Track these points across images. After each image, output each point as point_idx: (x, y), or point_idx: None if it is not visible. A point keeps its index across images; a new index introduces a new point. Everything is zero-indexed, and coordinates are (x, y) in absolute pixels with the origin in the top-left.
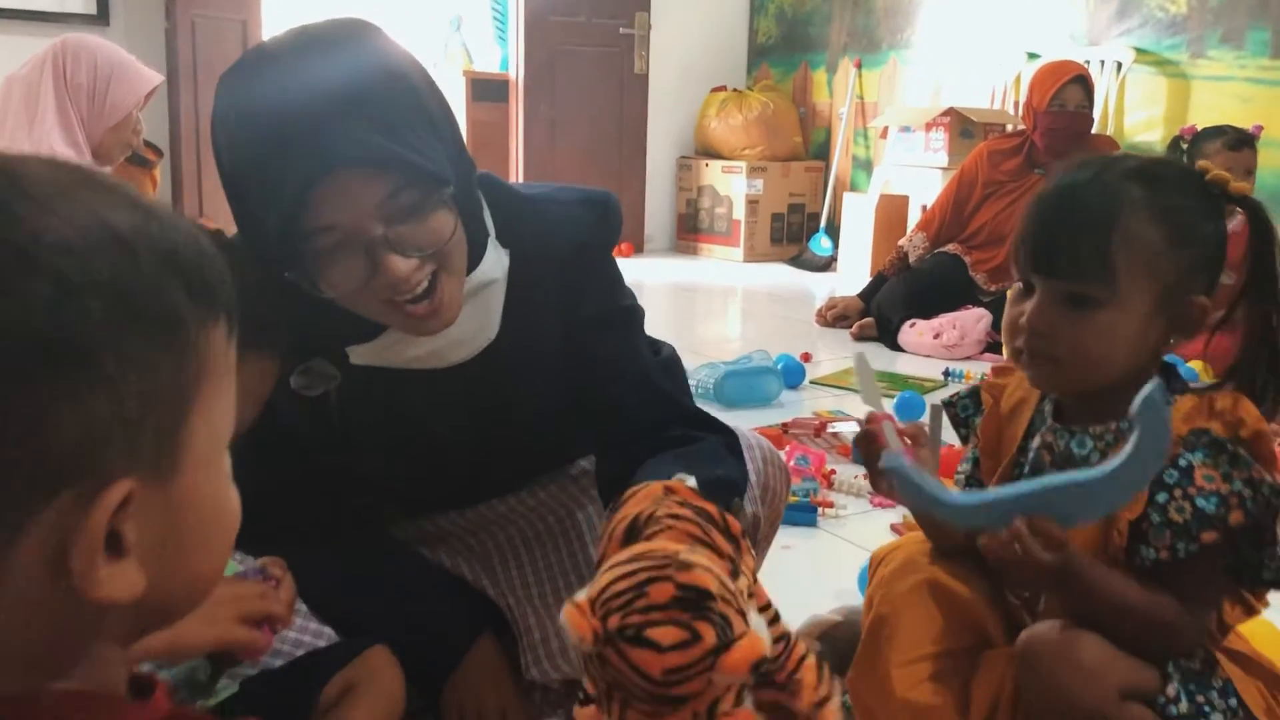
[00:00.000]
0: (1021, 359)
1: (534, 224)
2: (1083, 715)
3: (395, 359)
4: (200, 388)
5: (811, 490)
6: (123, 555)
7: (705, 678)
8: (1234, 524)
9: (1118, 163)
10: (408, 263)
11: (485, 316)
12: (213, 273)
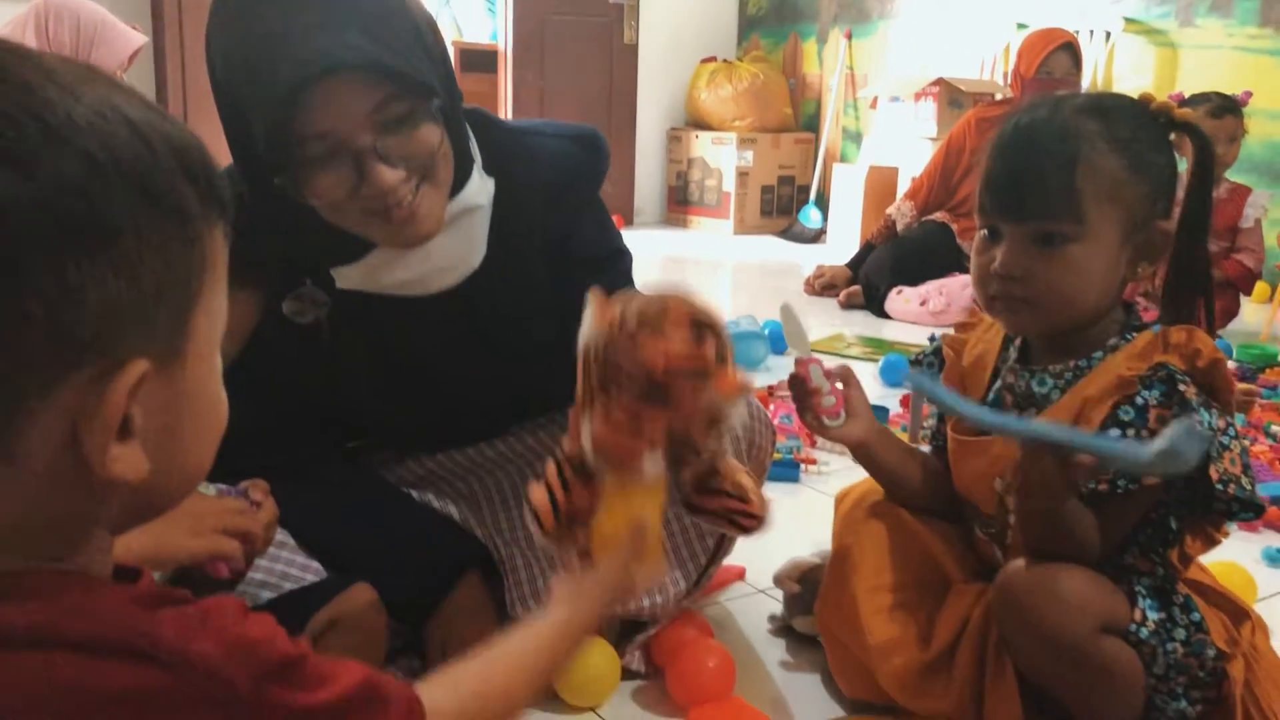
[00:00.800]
0: (995, 306)
1: (521, 156)
2: (1062, 649)
3: (381, 283)
4: (204, 282)
5: (795, 447)
6: (130, 437)
7: (698, 387)
8: None
9: (1067, 100)
10: (395, 173)
11: (469, 243)
12: (215, 176)
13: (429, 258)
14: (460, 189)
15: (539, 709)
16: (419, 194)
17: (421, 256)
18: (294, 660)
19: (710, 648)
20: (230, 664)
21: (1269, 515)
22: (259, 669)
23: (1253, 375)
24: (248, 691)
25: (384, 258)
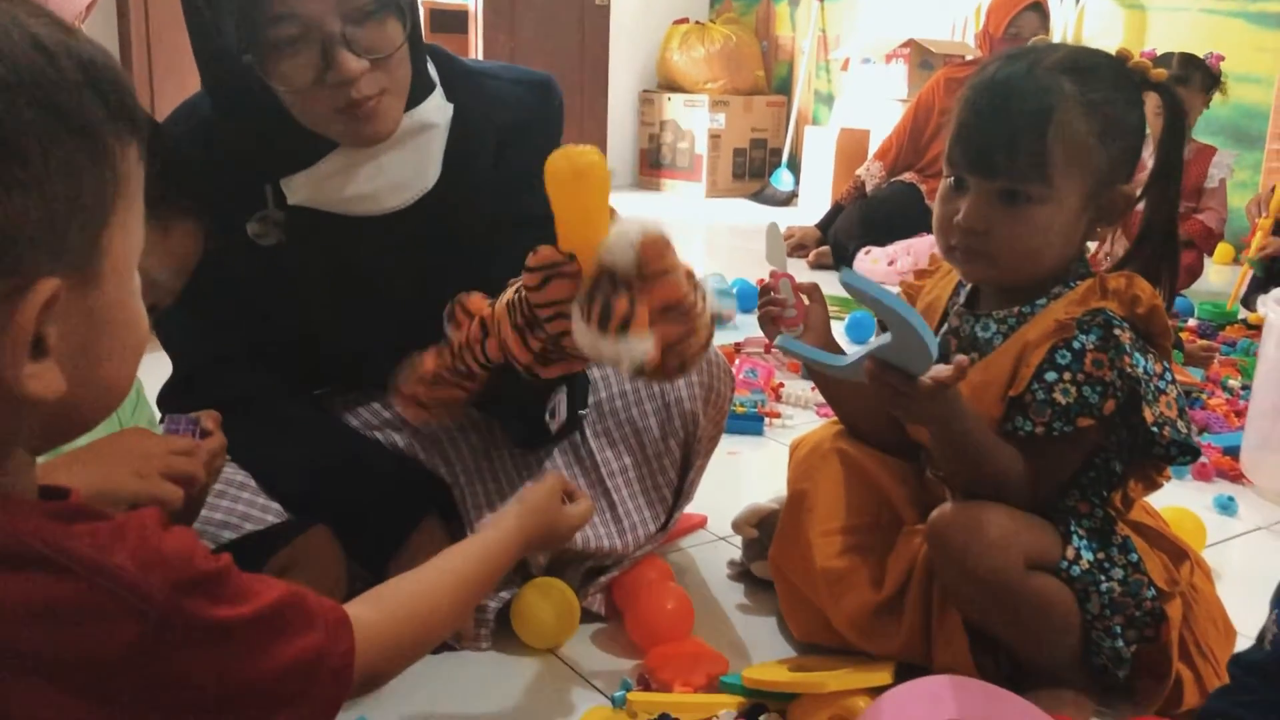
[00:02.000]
0: (954, 255)
1: (478, 92)
2: (991, 585)
3: (333, 197)
4: (117, 202)
5: (759, 401)
6: (45, 356)
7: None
8: (1107, 413)
9: (1047, 54)
10: (359, 63)
11: (423, 161)
12: (127, 94)
13: (382, 172)
14: (418, 104)
15: (498, 650)
16: (379, 93)
17: (374, 170)
18: (213, 574)
19: (669, 591)
20: (146, 575)
21: (1221, 464)
22: (175, 581)
23: (1213, 332)
24: (164, 603)
25: (337, 166)
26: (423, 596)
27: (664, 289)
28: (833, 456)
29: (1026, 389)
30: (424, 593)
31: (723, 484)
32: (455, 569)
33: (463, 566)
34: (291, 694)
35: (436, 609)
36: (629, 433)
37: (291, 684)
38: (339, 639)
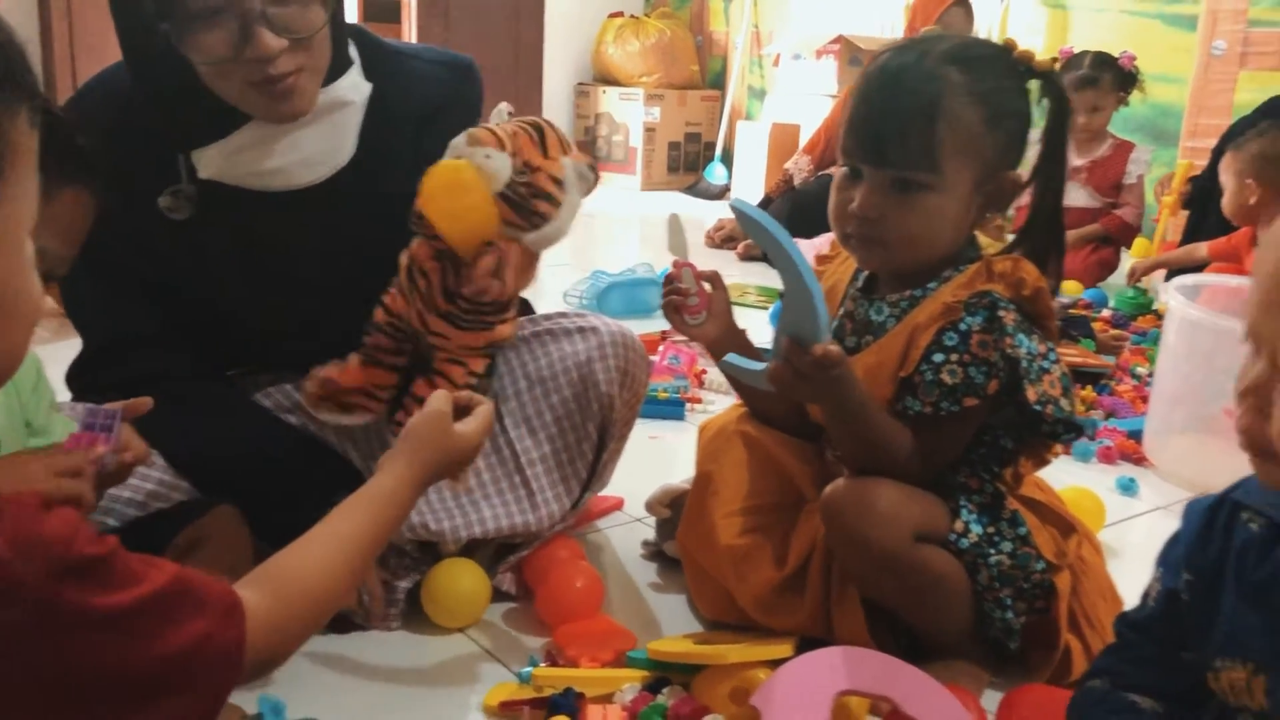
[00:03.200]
0: (850, 243)
1: (398, 72)
2: (881, 557)
3: (245, 171)
4: (4, 170)
5: (682, 387)
6: None
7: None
8: (991, 392)
9: (935, 45)
10: (278, 41)
11: (338, 137)
12: (15, 59)
13: (296, 147)
14: (334, 80)
15: (408, 631)
16: (297, 71)
17: (288, 145)
18: (95, 560)
19: (579, 569)
20: (19, 560)
21: (1126, 447)
22: (52, 567)
23: (1126, 322)
24: (38, 590)
25: (250, 140)
26: (316, 570)
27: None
28: (737, 439)
29: (915, 370)
30: (317, 565)
31: (643, 467)
32: (347, 532)
33: (355, 528)
34: (179, 680)
35: (332, 579)
36: (549, 420)
37: (178, 670)
38: (229, 625)
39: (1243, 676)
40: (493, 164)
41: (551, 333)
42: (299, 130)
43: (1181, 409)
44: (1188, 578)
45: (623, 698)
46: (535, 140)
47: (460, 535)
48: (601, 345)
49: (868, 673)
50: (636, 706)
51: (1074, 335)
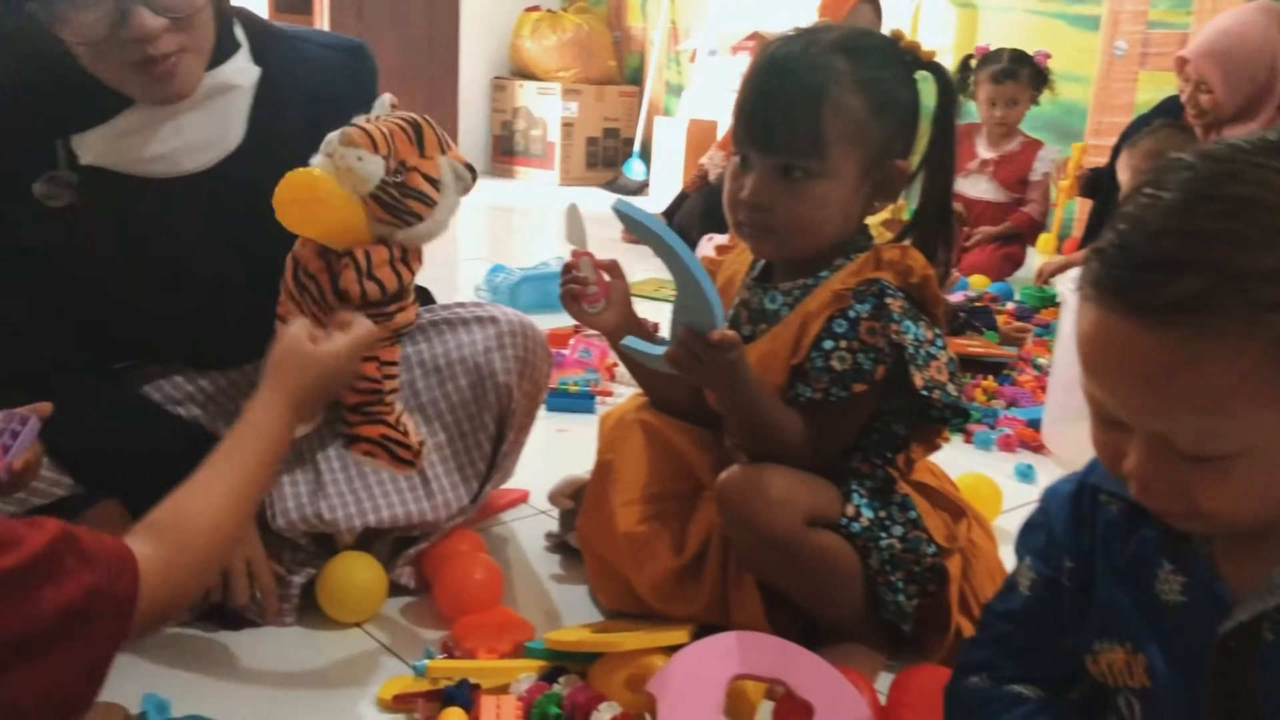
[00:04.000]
0: (743, 231)
1: (288, 56)
2: (774, 542)
3: (128, 157)
4: None
5: (592, 380)
6: None
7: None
8: (879, 378)
9: (822, 34)
10: (157, 20)
11: (225, 122)
12: None
13: (180, 132)
14: (220, 63)
15: (303, 626)
16: (178, 51)
17: (172, 130)
18: None
19: (478, 561)
20: None
21: (1025, 435)
22: None
23: (1029, 315)
24: None
25: (133, 124)
26: (206, 514)
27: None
28: (636, 427)
29: (806, 357)
30: (207, 509)
31: (551, 460)
32: (231, 473)
33: (238, 467)
34: (68, 632)
35: (223, 521)
36: (444, 410)
37: (67, 624)
38: (119, 578)
39: (1121, 657)
40: (364, 167)
41: (449, 322)
42: (184, 115)
43: (1077, 397)
44: (1070, 565)
45: (518, 688)
46: (412, 139)
47: (354, 524)
48: (500, 335)
49: (761, 657)
50: (532, 696)
51: (978, 327)
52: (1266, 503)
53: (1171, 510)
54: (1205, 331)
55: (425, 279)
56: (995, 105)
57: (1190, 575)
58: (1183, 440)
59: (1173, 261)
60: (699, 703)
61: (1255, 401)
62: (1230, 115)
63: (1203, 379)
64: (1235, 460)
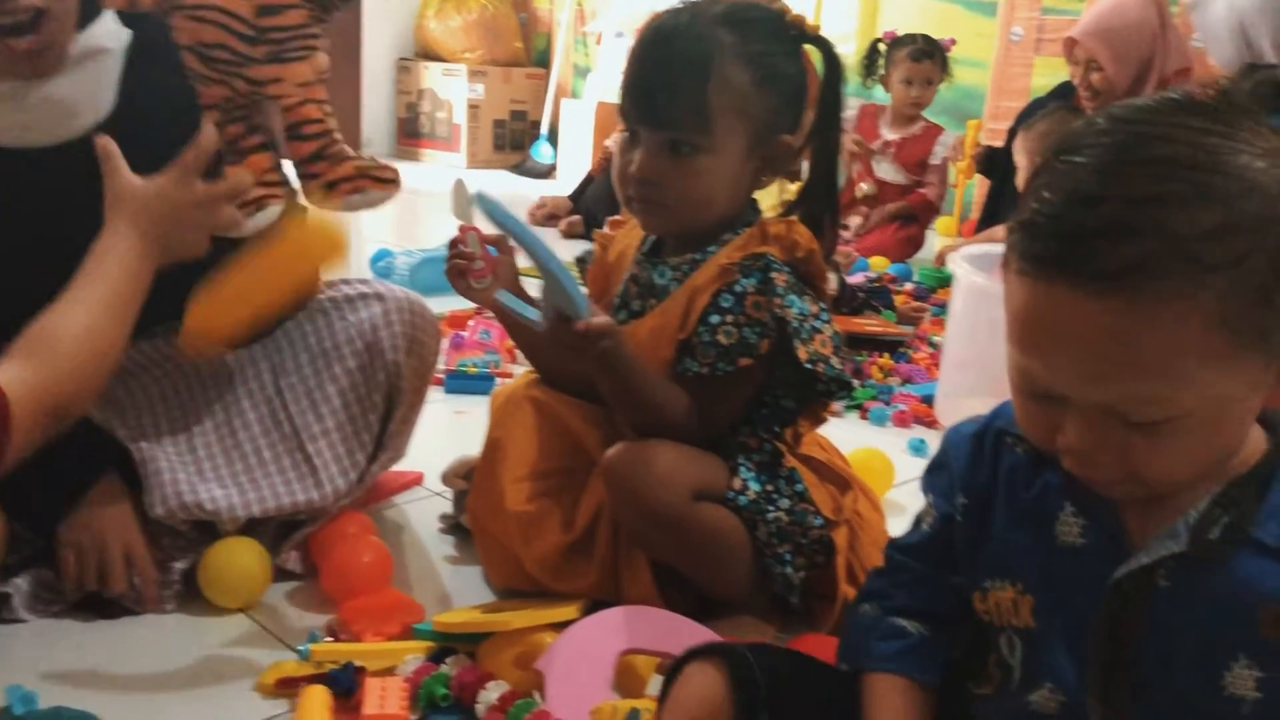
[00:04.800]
0: (633, 206)
1: (159, 20)
2: (660, 517)
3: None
4: None
5: (493, 362)
6: None
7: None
8: (764, 352)
9: (707, 8)
10: None
11: (95, 87)
12: None
13: (49, 99)
14: (87, 25)
15: (184, 614)
16: (42, 22)
17: (40, 97)
18: None
19: (365, 543)
20: None
21: (919, 411)
22: None
23: (927, 294)
24: None
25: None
26: (69, 325)
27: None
28: (526, 404)
29: (693, 332)
30: (69, 322)
31: (448, 442)
32: (90, 292)
33: (97, 284)
34: None
35: (90, 328)
36: (333, 393)
37: None
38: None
39: (1010, 596)
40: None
41: (335, 302)
42: (52, 81)
43: (968, 373)
44: (963, 501)
45: (405, 669)
46: None
47: (238, 514)
48: (387, 312)
49: (651, 631)
50: (419, 677)
51: (876, 306)
52: (1207, 459)
53: (1112, 479)
54: (1151, 296)
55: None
56: (912, 85)
57: (1091, 519)
58: (1129, 408)
59: (1112, 227)
60: (588, 679)
61: (1203, 362)
62: (1123, 92)
63: (1151, 345)
64: (1177, 422)
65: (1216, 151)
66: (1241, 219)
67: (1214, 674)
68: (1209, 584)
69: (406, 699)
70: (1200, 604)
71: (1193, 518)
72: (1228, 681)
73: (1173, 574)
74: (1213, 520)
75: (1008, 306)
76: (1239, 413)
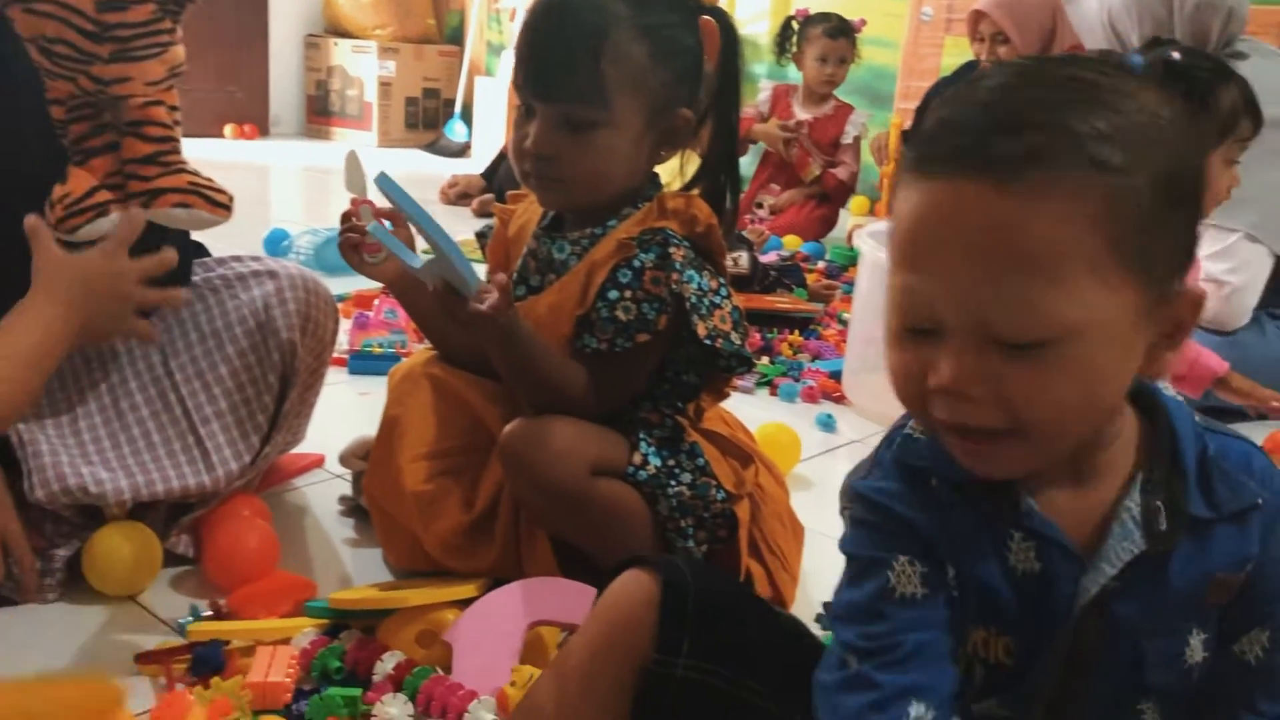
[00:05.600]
0: (530, 181)
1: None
2: (559, 494)
3: None
4: None
5: (398, 342)
6: None
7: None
8: (662, 328)
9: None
10: None
11: None
12: None
13: None
14: None
15: (68, 602)
16: None
17: None
18: None
19: (252, 526)
20: None
21: (827, 386)
22: None
23: (838, 273)
24: None
25: None
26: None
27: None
28: (424, 381)
29: (592, 308)
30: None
31: (351, 424)
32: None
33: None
34: None
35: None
36: (225, 374)
37: None
38: None
39: (983, 637)
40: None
41: (226, 280)
42: None
43: (874, 349)
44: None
45: (300, 642)
46: None
47: (125, 498)
48: (280, 290)
49: (558, 602)
50: (313, 650)
51: (789, 285)
52: (1084, 408)
53: (987, 423)
54: (1044, 183)
55: (231, 242)
56: (826, 62)
57: (1036, 538)
58: (1006, 319)
59: (1011, 122)
60: (495, 651)
61: (1087, 271)
62: None
63: (1039, 234)
64: (1057, 348)
65: (1112, 80)
66: (1131, 130)
67: (1178, 651)
68: (1156, 571)
69: (295, 669)
70: (1153, 593)
71: (1133, 510)
72: (1188, 654)
73: (1121, 572)
74: (1153, 510)
75: (897, 217)
76: (1118, 357)
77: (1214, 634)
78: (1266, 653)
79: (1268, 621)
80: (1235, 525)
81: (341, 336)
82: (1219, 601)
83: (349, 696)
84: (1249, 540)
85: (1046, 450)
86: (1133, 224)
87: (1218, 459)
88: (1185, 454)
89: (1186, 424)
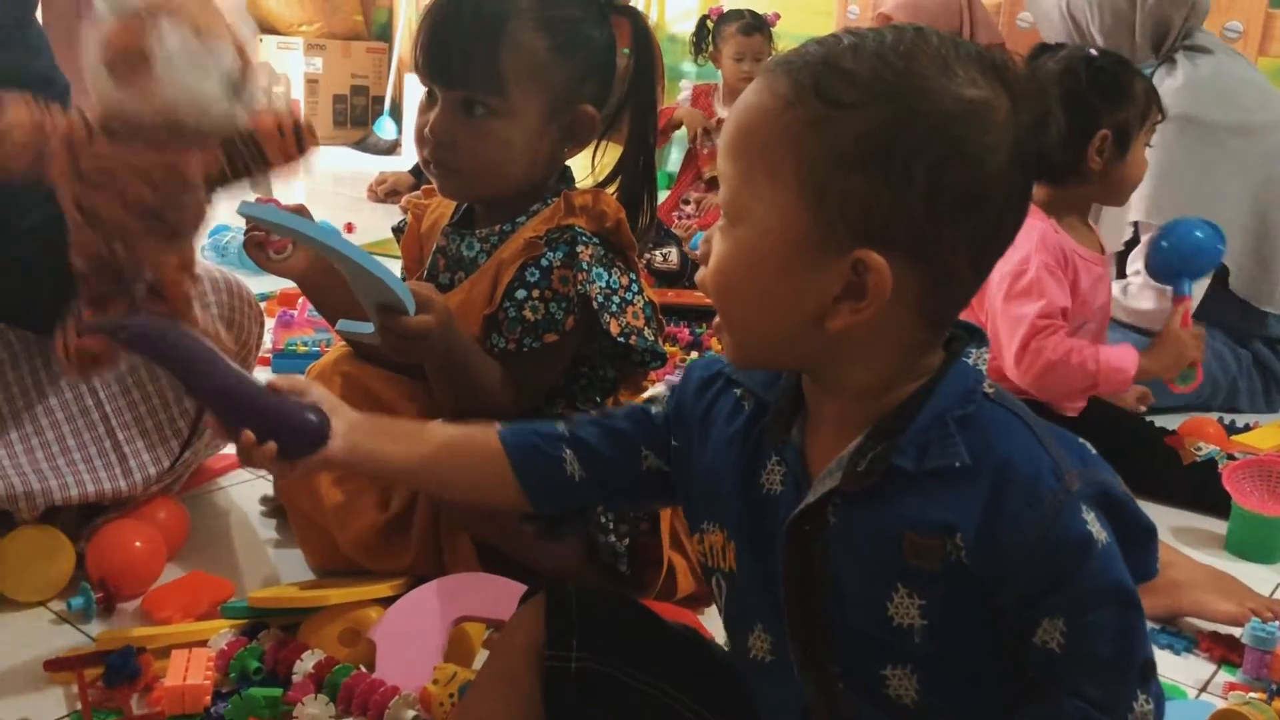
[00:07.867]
0: (430, 169)
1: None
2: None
3: None
4: None
5: (323, 340)
6: None
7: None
8: (569, 328)
9: None
10: None
11: None
12: None
13: None
14: None
15: None
16: None
17: None
18: None
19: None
20: None
21: None
22: None
23: None
24: None
25: None
26: None
27: None
28: (337, 379)
29: (500, 307)
30: None
31: None
32: None
33: None
34: None
35: None
36: (145, 377)
37: None
38: None
39: (720, 540)
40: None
41: None
42: None
43: None
44: (675, 444)
45: (217, 643)
46: None
47: (37, 503)
48: (203, 293)
49: (482, 598)
50: (230, 651)
51: None
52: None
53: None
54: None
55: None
56: (743, 60)
57: (788, 465)
58: (726, 191)
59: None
60: (419, 648)
61: (771, 177)
62: None
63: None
64: (740, 226)
65: (936, 49)
66: (874, 85)
67: (879, 604)
68: (865, 516)
69: (212, 670)
70: (860, 536)
71: (852, 451)
72: (892, 612)
73: (838, 510)
74: (864, 452)
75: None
76: (772, 259)
77: (938, 607)
78: (1068, 638)
79: (1054, 611)
80: (938, 486)
81: (265, 336)
82: (924, 566)
83: (270, 697)
84: (950, 509)
85: (744, 348)
86: (827, 157)
87: (963, 422)
88: (925, 409)
89: (956, 384)
